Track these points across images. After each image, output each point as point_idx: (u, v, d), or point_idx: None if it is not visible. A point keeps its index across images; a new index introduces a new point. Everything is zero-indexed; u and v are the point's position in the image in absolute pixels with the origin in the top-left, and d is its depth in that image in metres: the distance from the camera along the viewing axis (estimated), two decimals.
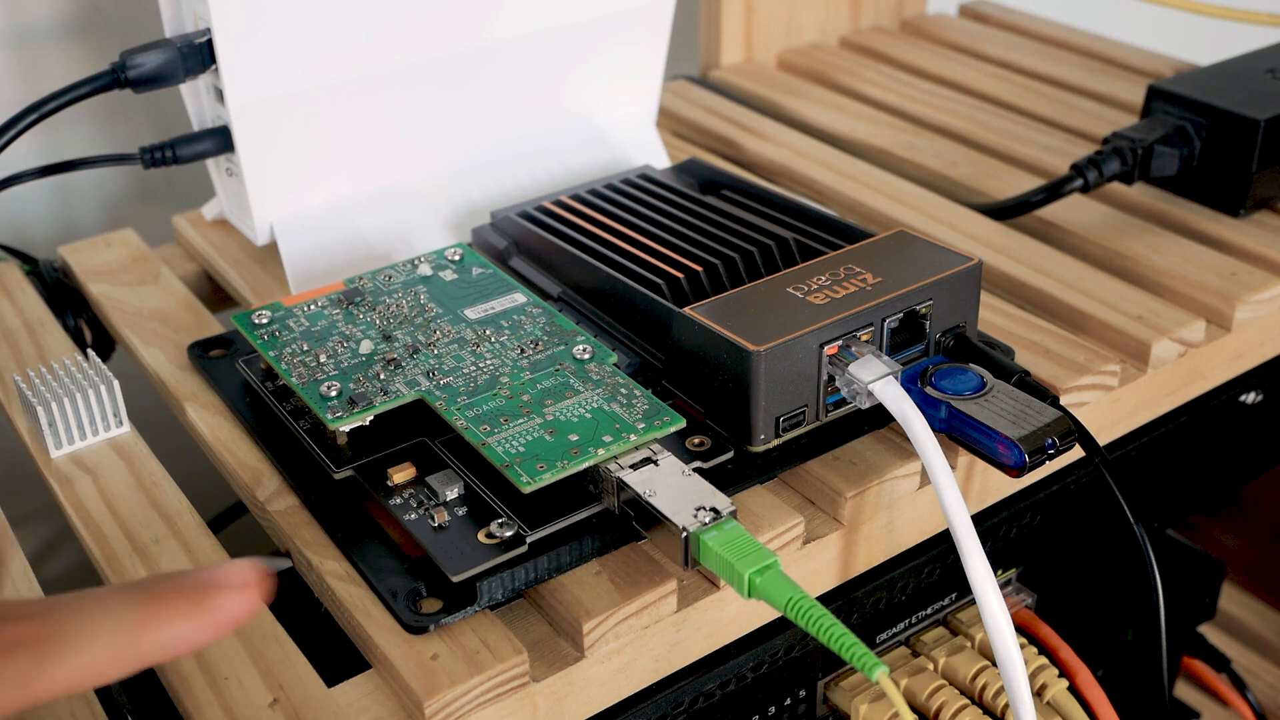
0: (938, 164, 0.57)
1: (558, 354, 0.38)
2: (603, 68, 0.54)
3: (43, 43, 0.60)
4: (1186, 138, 0.51)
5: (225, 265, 0.50)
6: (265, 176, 0.47)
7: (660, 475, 0.33)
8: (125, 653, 0.24)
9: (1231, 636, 0.80)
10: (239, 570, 0.25)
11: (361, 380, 0.37)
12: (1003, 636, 0.34)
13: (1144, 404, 0.44)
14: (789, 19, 0.72)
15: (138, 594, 0.24)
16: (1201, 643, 0.62)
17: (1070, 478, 0.44)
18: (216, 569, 0.25)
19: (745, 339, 0.35)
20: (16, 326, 0.47)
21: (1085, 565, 0.48)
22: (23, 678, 0.22)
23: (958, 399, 0.36)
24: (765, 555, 0.31)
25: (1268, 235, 0.50)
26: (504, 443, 0.34)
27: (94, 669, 0.23)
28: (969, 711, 0.40)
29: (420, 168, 0.51)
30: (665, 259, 0.43)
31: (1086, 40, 0.72)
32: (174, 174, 0.57)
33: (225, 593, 0.25)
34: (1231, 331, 0.46)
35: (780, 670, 0.39)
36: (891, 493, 0.37)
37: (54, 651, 0.23)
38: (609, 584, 0.33)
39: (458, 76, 0.50)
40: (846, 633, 0.29)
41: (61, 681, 0.23)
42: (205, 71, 0.45)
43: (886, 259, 0.40)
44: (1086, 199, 0.53)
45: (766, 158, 0.59)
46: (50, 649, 0.23)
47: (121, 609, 0.24)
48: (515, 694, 0.31)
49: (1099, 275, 0.47)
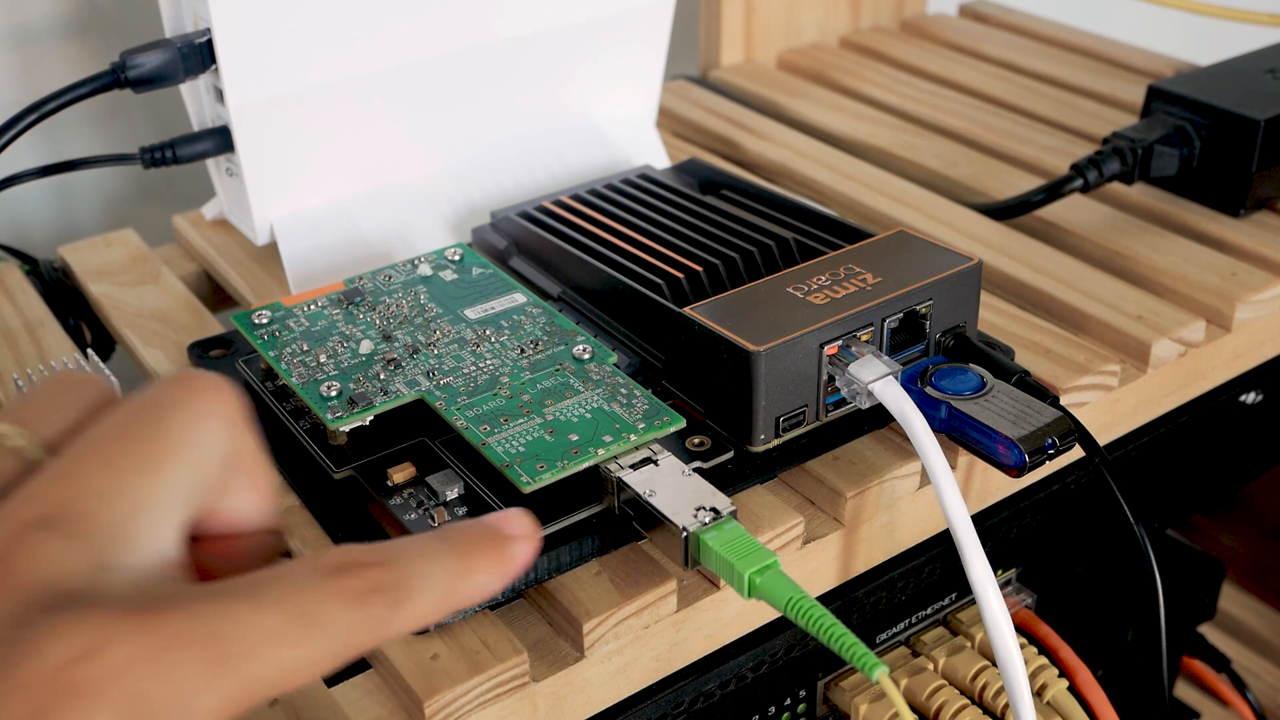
0: (938, 164, 0.57)
1: (558, 354, 0.38)
2: (603, 68, 0.54)
3: (43, 43, 0.60)
4: (1186, 138, 0.51)
5: (225, 265, 0.50)
6: (265, 176, 0.47)
7: (660, 475, 0.33)
8: (449, 600, 0.25)
9: (1231, 636, 0.80)
10: (522, 520, 0.27)
11: (361, 380, 0.37)
12: (1003, 636, 0.34)
13: (1144, 404, 0.44)
14: (789, 19, 0.72)
15: (451, 544, 0.25)
16: (1201, 643, 0.62)
17: (1070, 478, 0.44)
18: (503, 519, 0.26)
19: (745, 339, 0.35)
20: (16, 326, 0.47)
21: (1085, 565, 0.48)
22: (380, 621, 0.23)
23: (958, 399, 0.36)
24: (765, 555, 0.31)
25: (1268, 235, 0.50)
26: (504, 443, 0.34)
27: (428, 615, 0.24)
28: (969, 711, 0.40)
29: (420, 168, 0.51)
30: (665, 259, 0.43)
31: (1086, 40, 0.72)
32: (174, 174, 0.57)
33: (518, 543, 0.26)
34: (1231, 331, 0.46)
35: (780, 670, 0.39)
36: (891, 493, 0.37)
37: (403, 597, 0.23)
38: (609, 584, 0.33)
39: (458, 76, 0.50)
40: (846, 633, 0.29)
41: (405, 625, 0.24)
42: (205, 71, 0.45)
43: (886, 259, 0.40)
44: (1086, 199, 0.53)
45: (766, 158, 0.59)
46: (399, 596, 0.23)
47: (445, 558, 0.25)
48: (515, 694, 0.31)
49: (1099, 275, 0.47)
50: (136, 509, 0.22)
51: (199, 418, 0.23)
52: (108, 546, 0.21)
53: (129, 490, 0.22)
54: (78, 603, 0.20)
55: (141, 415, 0.23)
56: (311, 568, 0.23)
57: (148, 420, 0.23)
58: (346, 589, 0.23)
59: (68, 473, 0.22)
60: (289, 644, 0.22)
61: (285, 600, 0.22)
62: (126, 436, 0.23)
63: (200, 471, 0.23)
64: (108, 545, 0.21)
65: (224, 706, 0.21)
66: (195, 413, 0.23)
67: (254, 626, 0.21)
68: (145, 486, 0.22)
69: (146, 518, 0.22)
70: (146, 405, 0.23)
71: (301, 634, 0.22)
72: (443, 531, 0.26)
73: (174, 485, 0.23)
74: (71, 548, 0.21)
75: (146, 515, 0.22)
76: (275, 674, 0.21)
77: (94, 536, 0.21)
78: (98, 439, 0.23)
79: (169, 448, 0.23)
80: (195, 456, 0.23)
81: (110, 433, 0.23)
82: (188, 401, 0.23)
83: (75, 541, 0.21)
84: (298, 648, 0.22)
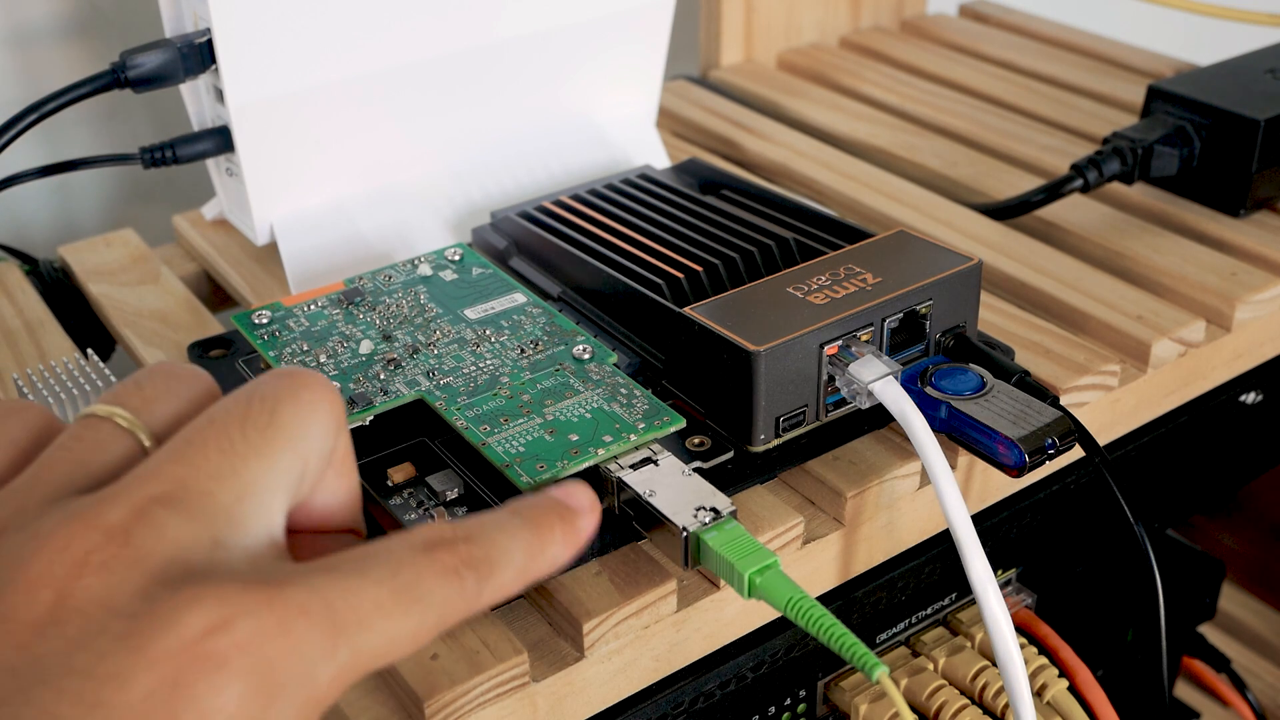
0: (938, 164, 0.57)
1: (558, 354, 0.38)
2: (603, 68, 0.54)
3: (43, 43, 0.60)
4: (1186, 138, 0.51)
5: (225, 265, 0.50)
6: (265, 176, 0.47)
7: (660, 475, 0.33)
8: (528, 573, 0.26)
9: (1231, 636, 0.80)
10: (585, 492, 0.28)
11: (361, 380, 0.37)
12: (1003, 636, 0.34)
13: (1144, 404, 0.44)
14: (789, 19, 0.72)
15: (525, 519, 0.26)
16: (1201, 643, 0.62)
17: (1070, 478, 0.44)
18: (567, 493, 0.27)
19: (745, 339, 0.35)
20: (16, 326, 0.47)
21: (1085, 565, 0.48)
22: (473, 593, 0.24)
23: (958, 399, 0.36)
24: (765, 555, 0.31)
25: (1268, 235, 0.50)
26: (504, 443, 0.34)
27: (510, 588, 0.25)
28: (969, 711, 0.40)
29: (420, 168, 0.51)
30: (665, 259, 0.43)
31: (1086, 40, 0.72)
32: (174, 174, 0.57)
33: (584, 515, 0.27)
34: (1231, 331, 0.46)
35: (780, 670, 0.39)
36: (891, 493, 0.37)
37: (490, 571, 0.25)
38: (609, 584, 0.33)
39: (458, 76, 0.50)
40: (846, 633, 0.29)
41: (492, 598, 0.25)
42: (205, 71, 0.45)
43: (886, 259, 0.40)
44: (1086, 199, 0.53)
45: (766, 158, 0.59)
46: (487, 570, 0.24)
47: (521, 532, 0.26)
48: (515, 694, 0.31)
49: (1099, 275, 0.47)
50: (249, 491, 0.23)
51: (309, 410, 0.24)
52: (223, 525, 0.22)
53: (243, 473, 0.23)
54: (201, 577, 0.21)
55: (255, 405, 0.24)
56: (409, 543, 0.24)
57: (263, 409, 0.24)
58: (443, 563, 0.24)
59: (186, 454, 0.23)
60: (396, 616, 0.23)
61: (391, 575, 0.23)
62: (243, 423, 0.24)
63: (305, 462, 0.24)
64: (223, 524, 0.22)
65: (340, 675, 0.22)
66: (305, 405, 0.24)
67: (366, 600, 0.22)
68: (258, 470, 0.23)
69: (257, 500, 0.23)
70: (261, 395, 0.24)
71: (407, 607, 0.23)
72: (514, 507, 0.27)
73: (283, 472, 0.24)
74: (190, 524, 0.22)
75: (257, 498, 0.23)
76: (385, 645, 0.23)
77: (212, 515, 0.22)
78: (214, 424, 0.24)
79: (282, 436, 0.24)
80: (303, 448, 0.24)
81: (226, 419, 0.24)
82: (298, 394, 0.24)
83: (194, 519, 0.22)
84: (405, 619, 0.23)
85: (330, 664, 0.22)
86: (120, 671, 0.20)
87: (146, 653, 0.20)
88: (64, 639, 0.20)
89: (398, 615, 0.23)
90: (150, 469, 0.23)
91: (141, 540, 0.21)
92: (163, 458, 0.23)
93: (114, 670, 0.20)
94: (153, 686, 0.20)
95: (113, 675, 0.20)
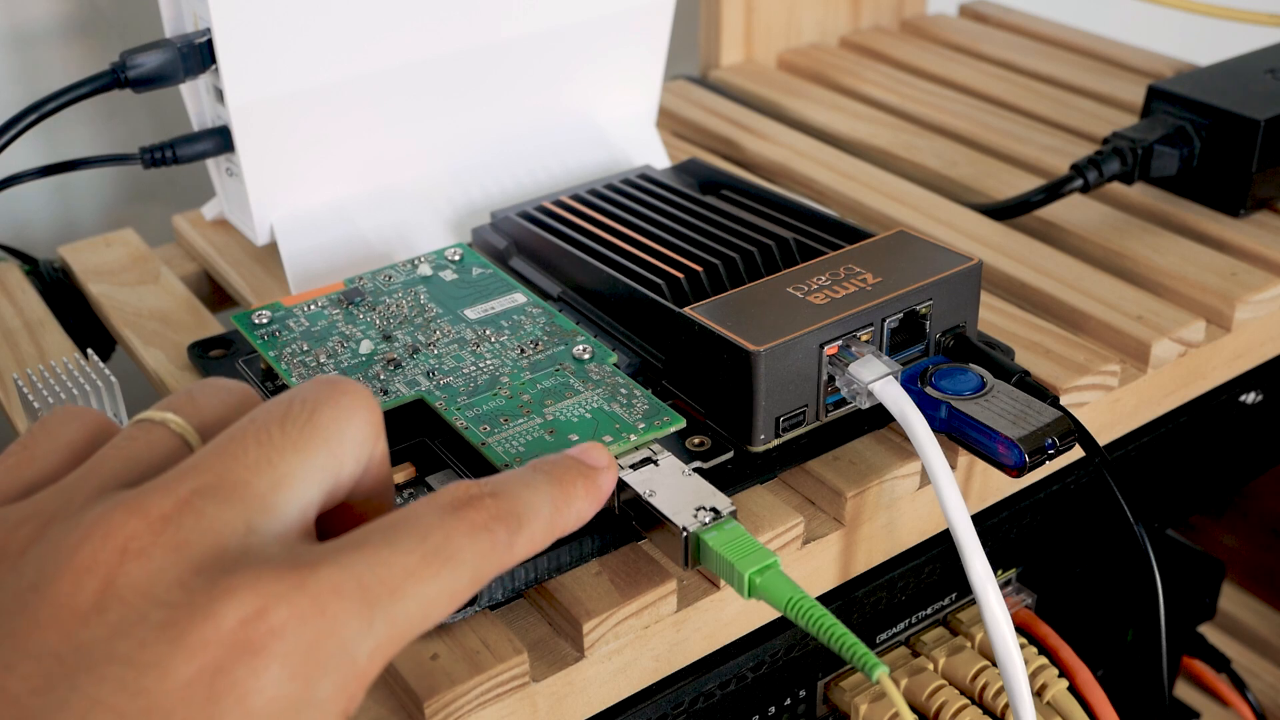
0: (938, 164, 0.57)
1: (558, 354, 0.38)
2: (603, 68, 0.54)
3: (43, 43, 0.60)
4: (1186, 138, 0.51)
5: (225, 265, 0.50)
6: (265, 176, 0.47)
7: (660, 475, 0.33)
8: (555, 527, 0.27)
9: (1231, 636, 0.80)
10: (601, 451, 0.30)
11: (361, 380, 0.37)
12: (1003, 636, 0.34)
13: (1144, 404, 0.44)
14: (789, 19, 0.72)
15: (547, 475, 0.28)
16: (1201, 643, 0.62)
17: (1070, 478, 0.44)
18: (584, 452, 0.29)
19: (745, 339, 0.35)
20: (16, 326, 0.47)
21: (1085, 565, 0.48)
22: (504, 547, 0.25)
23: (958, 399, 0.36)
24: (765, 555, 0.31)
25: (1268, 235, 0.50)
26: (504, 443, 0.34)
27: (539, 541, 0.26)
28: (969, 711, 0.40)
29: (420, 168, 0.51)
30: (665, 259, 0.43)
31: (1086, 40, 0.72)
32: (174, 174, 0.57)
33: (603, 472, 0.29)
34: (1231, 331, 0.46)
35: (780, 670, 0.39)
36: (891, 493, 0.37)
37: (519, 524, 0.26)
38: (609, 584, 0.33)
39: (458, 76, 0.50)
40: (846, 633, 0.29)
41: (522, 552, 0.26)
42: (205, 71, 0.45)
43: (886, 259, 0.40)
44: (1086, 199, 0.53)
45: (766, 158, 0.59)
46: (515, 523, 0.26)
47: (546, 487, 0.27)
48: (515, 694, 0.31)
49: (1099, 275, 0.47)
50: (283, 481, 0.24)
51: (347, 415, 0.25)
52: (256, 511, 0.23)
53: (279, 464, 0.24)
54: (238, 565, 0.22)
55: (296, 406, 0.25)
56: (436, 505, 0.25)
57: (304, 411, 0.25)
58: (472, 520, 0.25)
59: (227, 448, 0.24)
60: (428, 579, 0.23)
61: (420, 540, 0.24)
62: (283, 421, 0.24)
63: (340, 464, 0.25)
64: (256, 510, 0.23)
65: (380, 648, 0.23)
66: (344, 410, 0.25)
67: (396, 568, 0.23)
68: (294, 462, 0.24)
69: (291, 491, 0.24)
70: (303, 399, 0.25)
71: (439, 568, 0.24)
72: (535, 464, 0.28)
73: (318, 469, 0.24)
74: (227, 511, 0.23)
75: (291, 489, 0.24)
76: (420, 610, 0.23)
77: (247, 501, 0.23)
78: (255, 422, 0.25)
79: (319, 436, 0.25)
80: (339, 450, 0.25)
81: (267, 418, 0.25)
82: (338, 400, 0.25)
83: (230, 505, 0.23)
84: (437, 581, 0.24)
85: (368, 639, 0.22)
86: (160, 660, 0.21)
87: (185, 642, 0.21)
88: (106, 626, 0.21)
89: (429, 579, 0.23)
90: (193, 463, 0.24)
91: (180, 528, 0.22)
92: (206, 452, 0.24)
93: (154, 658, 0.21)
94: (193, 675, 0.21)
95: (153, 663, 0.21)
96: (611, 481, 0.29)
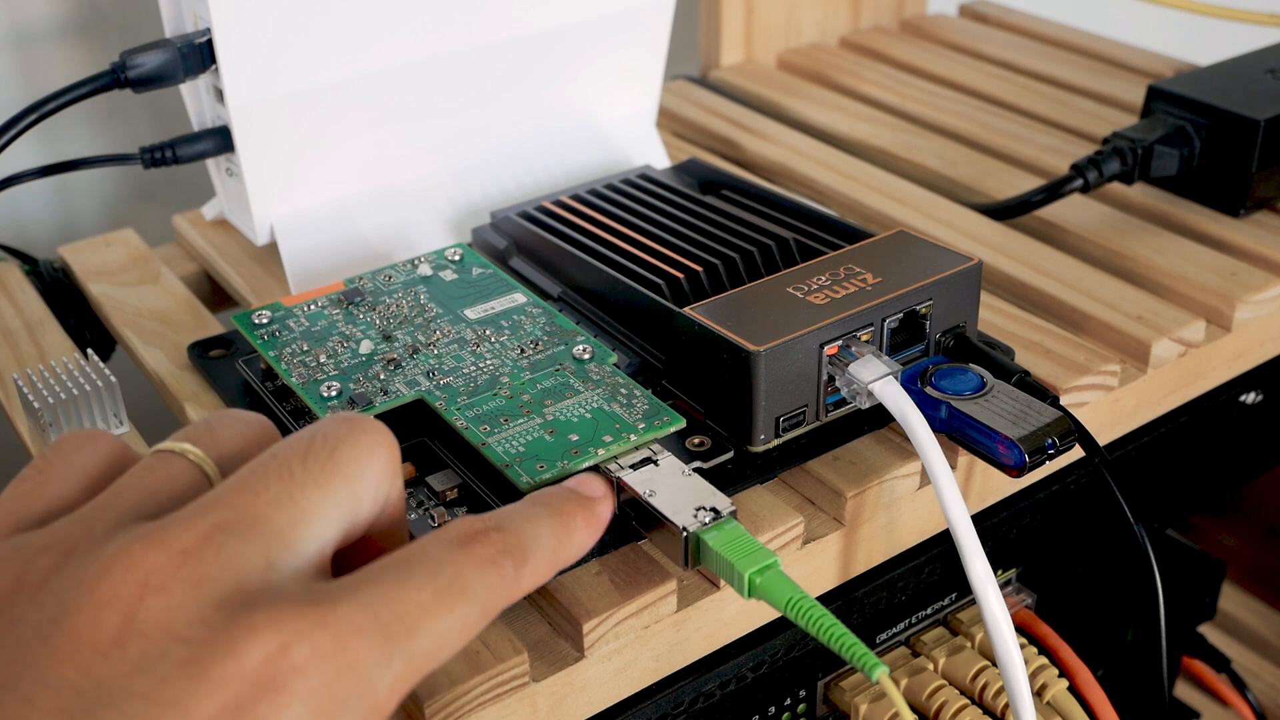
0: (938, 164, 0.57)
1: (558, 354, 0.38)
2: (603, 68, 0.54)
3: (43, 43, 0.60)
4: (1186, 138, 0.51)
5: (225, 265, 0.50)
6: (265, 176, 0.47)
7: (660, 475, 0.33)
8: (557, 559, 0.27)
9: (1231, 636, 0.80)
10: (597, 482, 0.30)
11: (361, 380, 0.37)
12: (1003, 636, 0.34)
13: (1144, 404, 0.44)
14: (789, 19, 0.72)
15: (548, 508, 0.28)
16: (1201, 643, 0.62)
17: (1070, 478, 0.44)
18: (581, 483, 0.30)
19: (745, 339, 0.35)
20: (16, 326, 0.47)
21: (1085, 565, 0.48)
22: (512, 581, 0.26)
23: (958, 399, 0.36)
24: (765, 555, 0.31)
25: (1268, 235, 0.50)
26: (504, 443, 0.34)
27: (543, 574, 0.27)
28: (969, 711, 0.40)
29: (420, 168, 0.51)
30: (665, 259, 0.43)
31: (1086, 40, 0.72)
32: (174, 174, 0.57)
33: (600, 502, 0.29)
34: (1231, 331, 0.46)
35: (780, 670, 0.39)
36: (891, 493, 0.37)
37: (525, 558, 0.26)
38: (609, 584, 0.33)
39: (458, 76, 0.50)
40: (846, 633, 0.29)
41: (531, 584, 0.26)
42: (205, 71, 0.45)
43: (886, 259, 0.40)
44: (1086, 199, 0.53)
45: (766, 158, 0.59)
46: (521, 556, 0.26)
47: (548, 520, 0.27)
48: (515, 694, 0.31)
49: (1099, 275, 0.47)
50: (303, 518, 0.24)
51: (368, 454, 0.25)
52: (277, 547, 0.23)
53: (300, 500, 0.24)
54: (259, 602, 0.22)
55: (318, 443, 0.25)
56: (444, 541, 0.25)
57: (325, 448, 0.25)
58: (480, 555, 0.25)
59: (249, 483, 0.24)
60: (443, 614, 0.24)
61: (432, 577, 0.24)
62: (305, 457, 0.25)
63: (359, 502, 0.25)
64: (277, 546, 0.23)
65: (398, 682, 0.23)
66: (364, 449, 0.25)
67: (411, 605, 0.23)
68: (315, 499, 0.24)
69: (311, 528, 0.24)
70: (324, 435, 0.25)
71: (452, 604, 0.24)
72: (534, 497, 0.28)
73: (337, 505, 0.25)
74: (247, 547, 0.23)
75: (311, 525, 0.24)
76: (435, 645, 0.24)
77: (267, 537, 0.23)
78: (277, 458, 0.25)
79: (340, 473, 0.25)
80: (359, 488, 0.25)
81: (289, 453, 0.25)
82: (358, 439, 0.25)
83: (251, 541, 0.23)
84: (451, 616, 0.24)
85: (387, 674, 0.23)
86: (181, 698, 0.21)
87: (207, 680, 0.21)
88: (127, 662, 0.21)
89: (443, 614, 0.24)
90: (214, 497, 0.24)
91: (201, 563, 0.22)
92: (226, 487, 0.24)
93: (175, 696, 0.21)
94: (214, 712, 0.21)
95: (174, 701, 0.21)
96: (609, 511, 0.29)
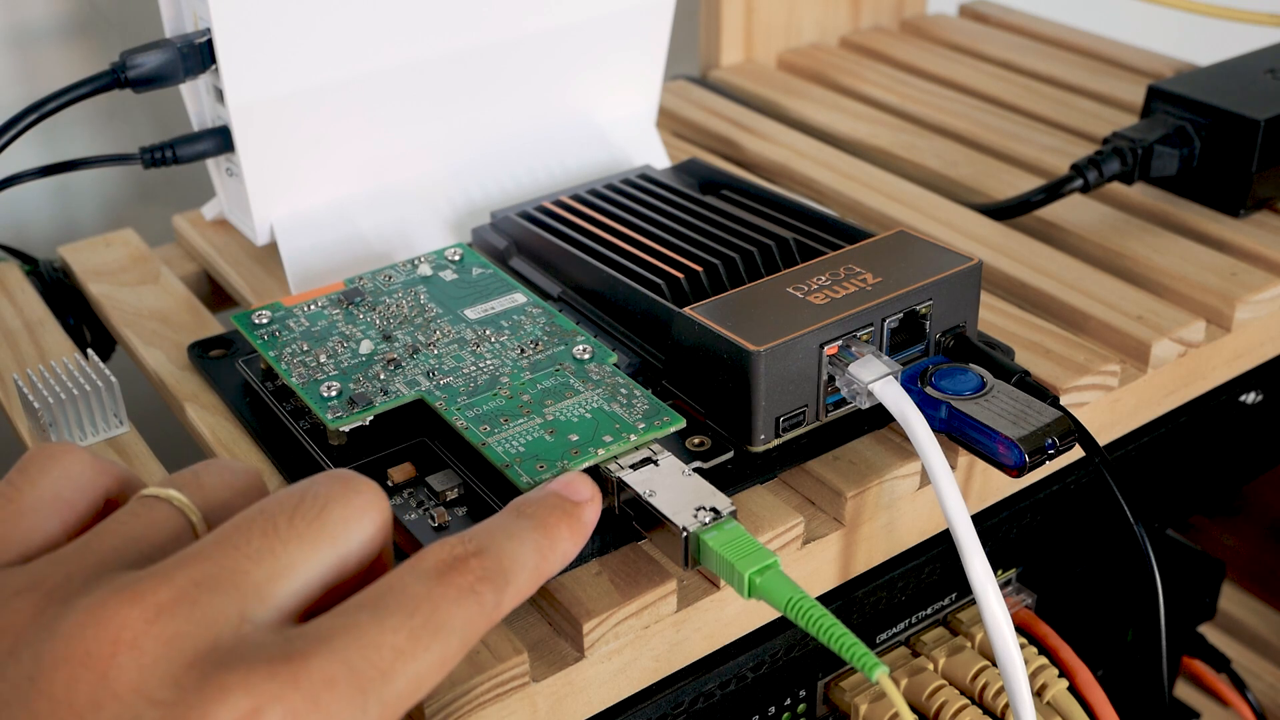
0: (938, 164, 0.57)
1: (558, 354, 0.38)
2: (603, 68, 0.54)
3: (43, 43, 0.60)
4: (1186, 138, 0.51)
5: (225, 265, 0.50)
6: (265, 176, 0.47)
7: (660, 475, 0.33)
8: (541, 573, 0.27)
9: (1231, 636, 0.80)
10: (585, 483, 0.29)
11: (361, 380, 0.37)
12: (1003, 636, 0.34)
13: (1144, 404, 0.44)
14: (789, 19, 0.72)
15: (530, 519, 0.27)
16: (1201, 643, 0.62)
17: (1070, 478, 0.44)
18: (566, 485, 0.29)
19: (745, 339, 0.35)
20: (16, 326, 0.47)
21: (1085, 565, 0.48)
22: (492, 607, 0.25)
23: (958, 399, 0.36)
24: (765, 555, 0.31)
25: (1268, 235, 0.50)
26: (504, 443, 0.34)
27: (526, 591, 0.26)
28: (969, 711, 0.40)
29: (420, 168, 0.51)
30: (665, 259, 0.43)
31: (1086, 40, 0.72)
32: (174, 174, 0.57)
33: (586, 507, 0.28)
34: (1231, 331, 0.46)
35: (780, 670, 0.39)
36: (891, 493, 0.37)
37: (506, 582, 0.25)
38: (609, 584, 0.33)
39: (458, 77, 0.50)
40: (846, 633, 0.29)
41: (511, 605, 0.26)
42: (205, 71, 0.45)
43: (886, 259, 0.40)
44: (1086, 199, 0.53)
45: (766, 158, 0.59)
46: (502, 580, 0.25)
47: (529, 534, 0.27)
48: (515, 694, 0.31)
49: (1099, 275, 0.47)
50: (284, 572, 0.24)
51: (358, 516, 0.25)
52: (252, 601, 0.23)
53: (282, 555, 0.24)
54: (230, 661, 0.22)
55: (308, 500, 0.25)
56: (420, 573, 0.24)
57: (314, 506, 0.25)
58: (459, 585, 0.24)
59: (232, 538, 0.24)
60: (419, 655, 0.23)
61: (408, 616, 0.23)
62: (292, 514, 0.24)
63: (345, 561, 0.25)
64: (252, 599, 0.23)
65: None
66: (355, 509, 0.25)
67: (385, 649, 0.23)
68: (297, 555, 0.24)
69: (289, 582, 0.24)
70: (315, 493, 0.25)
71: (429, 642, 0.23)
72: (518, 507, 0.27)
73: (320, 563, 0.24)
74: (223, 601, 0.23)
75: (290, 581, 0.24)
76: (411, 686, 0.23)
77: (243, 590, 0.23)
78: (264, 512, 0.24)
79: (328, 533, 0.24)
80: (344, 548, 0.25)
81: (277, 509, 0.25)
82: (349, 499, 0.25)
83: (225, 595, 0.23)
84: (427, 655, 0.23)
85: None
86: None
87: None
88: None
89: (420, 654, 0.23)
90: (195, 551, 0.23)
91: (174, 619, 0.22)
92: (209, 541, 0.24)
93: None
94: None
95: None
96: (595, 514, 0.29)
